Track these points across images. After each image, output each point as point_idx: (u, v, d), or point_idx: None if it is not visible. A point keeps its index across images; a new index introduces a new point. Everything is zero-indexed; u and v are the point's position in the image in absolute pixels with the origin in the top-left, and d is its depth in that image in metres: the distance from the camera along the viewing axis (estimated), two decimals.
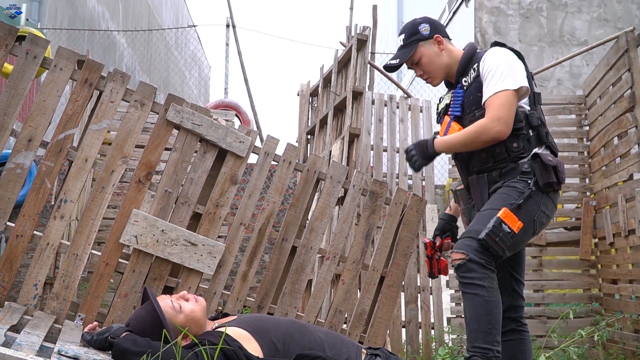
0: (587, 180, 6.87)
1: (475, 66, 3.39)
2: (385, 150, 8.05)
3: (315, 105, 7.74)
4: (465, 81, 3.45)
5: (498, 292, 3.05)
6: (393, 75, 10.61)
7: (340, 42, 7.90)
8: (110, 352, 2.84)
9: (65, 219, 3.64)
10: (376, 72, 8.72)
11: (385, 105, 8.16)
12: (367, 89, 6.49)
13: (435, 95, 10.56)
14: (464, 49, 3.54)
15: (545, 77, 9.89)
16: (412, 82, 14.36)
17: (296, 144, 7.06)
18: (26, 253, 3.74)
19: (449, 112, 3.53)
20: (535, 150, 3.27)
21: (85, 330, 3.09)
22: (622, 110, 5.84)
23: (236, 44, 10.42)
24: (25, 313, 3.41)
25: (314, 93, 7.81)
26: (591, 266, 6.59)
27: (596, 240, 6.59)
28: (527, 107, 3.31)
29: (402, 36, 3.57)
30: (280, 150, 4.14)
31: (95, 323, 3.18)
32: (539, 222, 3.22)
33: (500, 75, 3.23)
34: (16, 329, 3.10)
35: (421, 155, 3.43)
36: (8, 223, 3.58)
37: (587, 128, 6.93)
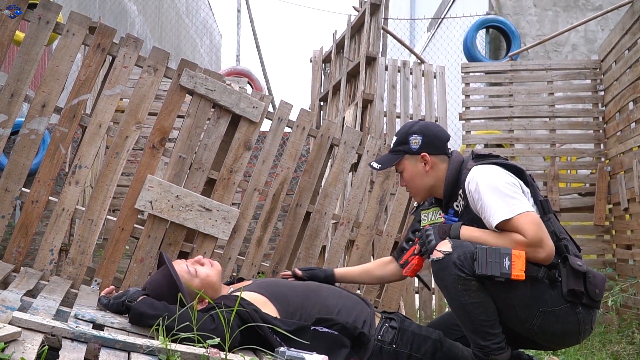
0: (601, 146, 6.82)
1: (460, 192, 3.00)
2: (398, 117, 8.01)
3: (328, 71, 7.70)
4: (456, 206, 3.05)
5: (478, 293, 2.75)
6: (406, 40, 10.55)
7: (354, 7, 7.81)
8: (127, 315, 2.86)
9: (80, 184, 3.65)
10: (389, 38, 8.64)
11: (399, 71, 8.10)
12: (380, 55, 6.43)
13: (449, 61, 10.47)
14: (449, 166, 3.08)
15: (560, 42, 9.77)
16: (425, 47, 14.24)
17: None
18: (41, 221, 3.76)
19: None
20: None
21: (102, 294, 3.11)
22: (638, 75, 5.77)
23: (248, 11, 10.31)
24: (41, 278, 3.44)
25: (326, 59, 7.76)
26: (605, 232, 6.57)
27: (610, 206, 6.56)
28: None
29: (394, 138, 3.22)
30: (293, 116, 4.12)
31: (112, 287, 3.19)
32: (543, 314, 2.80)
33: (500, 204, 2.79)
34: (32, 294, 3.13)
35: (440, 236, 2.92)
36: (23, 189, 3.60)
37: (602, 93, 6.86)
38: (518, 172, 2.97)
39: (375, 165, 3.22)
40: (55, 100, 3.62)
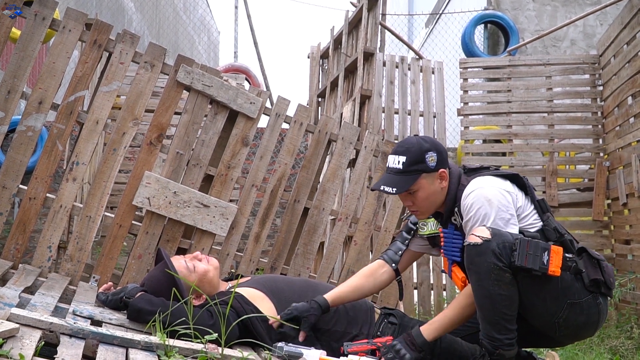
0: (600, 141, 6.81)
1: (456, 209, 2.97)
2: (396, 113, 8.01)
3: (326, 67, 7.69)
4: (454, 220, 3.02)
5: (509, 286, 2.71)
6: (404, 36, 10.53)
7: (351, 3, 7.81)
8: (125, 311, 2.86)
9: (78, 181, 3.65)
10: (387, 34, 8.63)
11: (397, 67, 8.10)
12: (378, 51, 6.42)
13: (447, 57, 10.46)
14: (451, 180, 3.01)
15: (558, 37, 9.75)
16: (423, 43, 14.22)
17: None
18: (39, 218, 3.75)
19: (442, 250, 3.15)
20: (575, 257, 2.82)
21: (100, 290, 3.11)
22: (637, 69, 5.76)
23: (245, 7, 10.30)
24: (39, 275, 3.44)
25: (324, 55, 7.75)
26: (604, 227, 6.56)
27: (609, 201, 6.55)
28: (538, 223, 2.89)
29: (403, 159, 2.96)
30: (291, 112, 4.12)
31: (110, 283, 3.19)
32: (570, 307, 2.79)
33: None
34: (31, 290, 3.12)
35: (411, 348, 2.82)
36: (21, 186, 3.59)
37: (600, 88, 6.86)
38: (512, 178, 2.95)
39: (388, 189, 2.95)
40: (52, 97, 3.61)
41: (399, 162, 2.96)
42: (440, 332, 2.87)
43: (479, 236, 2.72)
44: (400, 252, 3.30)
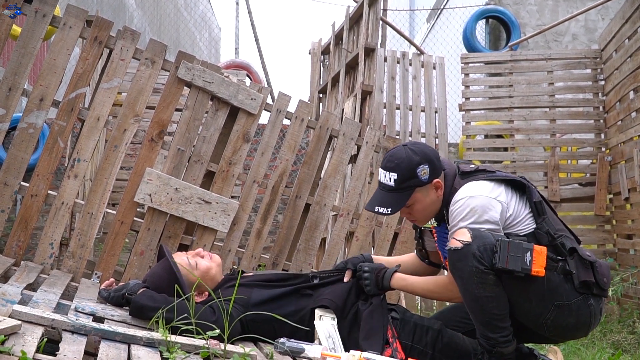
0: (602, 136, 6.81)
1: (445, 211, 2.94)
2: (398, 108, 8.01)
3: (327, 63, 7.69)
4: (446, 219, 2.97)
5: (494, 287, 2.68)
6: (406, 31, 10.54)
7: None
8: (127, 308, 2.86)
9: (79, 178, 3.65)
10: (389, 29, 8.62)
11: (398, 62, 8.09)
12: (379, 46, 6.42)
13: (449, 52, 10.44)
14: (446, 183, 2.95)
15: (560, 32, 9.74)
16: (425, 38, 14.20)
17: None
18: (41, 215, 3.75)
19: (435, 244, 3.18)
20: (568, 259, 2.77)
21: (102, 286, 3.11)
22: (638, 63, 5.75)
23: (246, 3, 10.29)
24: (41, 272, 3.44)
25: (325, 51, 7.75)
26: (606, 222, 6.56)
27: (611, 195, 6.55)
28: (531, 227, 2.82)
29: (394, 175, 2.88)
30: (292, 108, 4.11)
31: (112, 280, 3.19)
32: (558, 309, 2.76)
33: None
34: (33, 287, 3.13)
35: (374, 284, 2.99)
36: (22, 183, 3.59)
37: (602, 82, 6.85)
38: (509, 182, 2.90)
39: (382, 210, 2.92)
40: (53, 94, 3.61)
41: (390, 179, 2.91)
42: (405, 290, 3.05)
43: (459, 240, 2.69)
44: (423, 250, 3.33)
